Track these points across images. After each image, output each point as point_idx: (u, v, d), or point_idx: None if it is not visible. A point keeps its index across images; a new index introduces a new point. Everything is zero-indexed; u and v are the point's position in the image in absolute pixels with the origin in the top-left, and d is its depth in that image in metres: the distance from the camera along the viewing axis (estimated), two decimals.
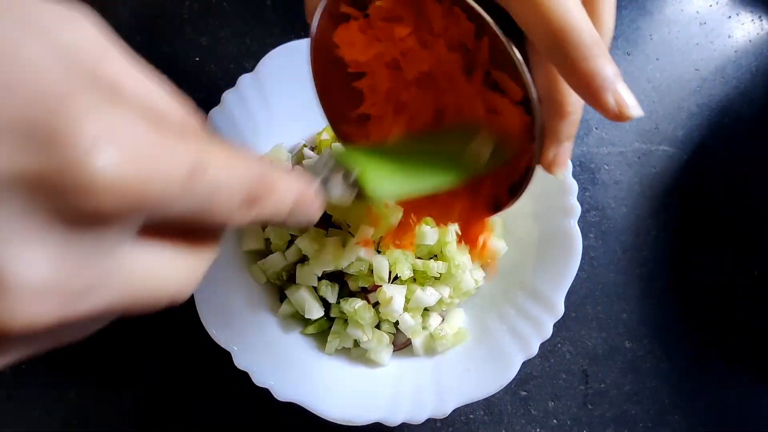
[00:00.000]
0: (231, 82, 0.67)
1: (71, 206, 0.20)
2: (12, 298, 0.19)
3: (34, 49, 0.20)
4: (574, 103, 0.39)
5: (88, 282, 0.22)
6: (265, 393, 0.62)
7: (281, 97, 0.69)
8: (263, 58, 0.68)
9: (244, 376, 0.62)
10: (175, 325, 0.73)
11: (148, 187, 0.21)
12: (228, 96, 0.67)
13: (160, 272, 0.25)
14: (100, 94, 0.21)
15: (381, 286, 0.65)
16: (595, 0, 0.38)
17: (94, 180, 0.19)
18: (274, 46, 0.68)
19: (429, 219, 0.63)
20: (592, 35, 0.34)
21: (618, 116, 0.34)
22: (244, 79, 0.67)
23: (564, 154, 0.42)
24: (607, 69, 0.34)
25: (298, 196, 0.30)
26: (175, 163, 0.22)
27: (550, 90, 0.39)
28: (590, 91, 0.34)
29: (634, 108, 0.34)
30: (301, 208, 0.31)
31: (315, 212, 0.33)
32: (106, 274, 0.22)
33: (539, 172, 0.45)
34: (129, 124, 0.21)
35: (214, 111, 0.66)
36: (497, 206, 0.51)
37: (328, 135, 0.71)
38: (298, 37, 0.68)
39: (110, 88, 0.22)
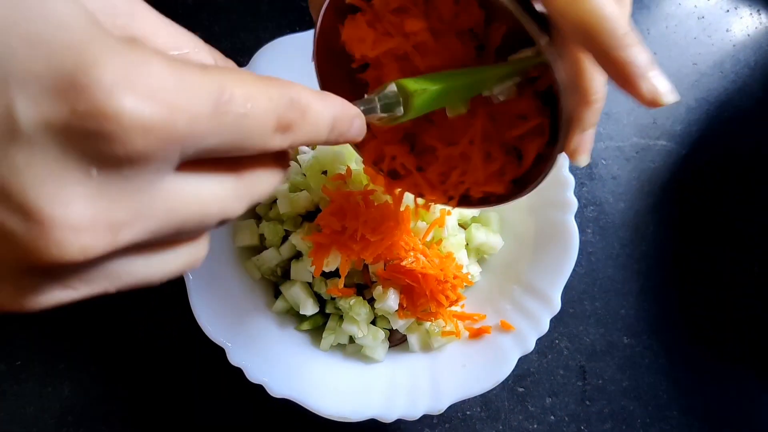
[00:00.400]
0: None
1: (99, 150, 0.21)
2: (54, 233, 0.21)
3: (59, 5, 0.21)
4: (598, 90, 0.40)
5: (129, 213, 0.23)
6: (262, 390, 0.62)
7: None
8: (258, 53, 0.67)
9: (241, 372, 0.62)
10: (172, 322, 0.73)
11: (175, 123, 0.22)
12: None
13: (203, 197, 0.26)
14: (120, 43, 0.22)
15: (376, 282, 0.65)
16: None
17: (118, 123, 0.21)
18: (269, 40, 0.67)
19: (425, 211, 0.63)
20: (625, 24, 0.34)
21: (652, 103, 0.35)
22: None
23: (587, 141, 0.43)
24: (641, 57, 0.34)
25: (335, 116, 0.31)
26: (199, 98, 0.23)
27: (576, 78, 0.40)
28: (626, 79, 0.34)
29: (668, 94, 0.35)
30: (341, 128, 0.32)
31: (357, 131, 0.34)
32: (147, 205, 0.24)
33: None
34: (148, 65, 0.22)
35: None
36: (503, 198, 0.50)
37: None
38: (293, 31, 0.67)
39: (134, 38, 0.24)
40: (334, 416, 0.62)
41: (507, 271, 0.69)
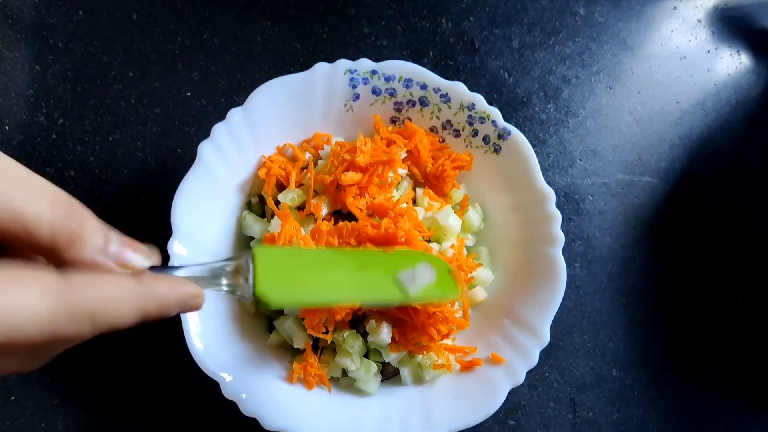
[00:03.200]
0: (222, 116, 0.68)
1: None
2: None
3: None
4: None
5: None
6: (255, 423, 0.62)
7: (270, 130, 0.70)
8: (253, 92, 0.69)
9: (235, 406, 0.62)
10: (165, 356, 0.73)
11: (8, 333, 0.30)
12: (218, 128, 0.67)
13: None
14: None
15: (369, 315, 0.66)
16: None
17: None
18: (263, 81, 0.69)
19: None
20: None
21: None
22: (234, 113, 0.68)
23: None
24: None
25: (182, 299, 0.39)
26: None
27: None
28: None
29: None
30: (188, 305, 0.40)
31: (198, 304, 0.42)
32: None
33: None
34: None
35: (204, 143, 0.67)
36: None
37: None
38: (288, 71, 0.69)
39: None
40: None
41: (497, 304, 0.70)
